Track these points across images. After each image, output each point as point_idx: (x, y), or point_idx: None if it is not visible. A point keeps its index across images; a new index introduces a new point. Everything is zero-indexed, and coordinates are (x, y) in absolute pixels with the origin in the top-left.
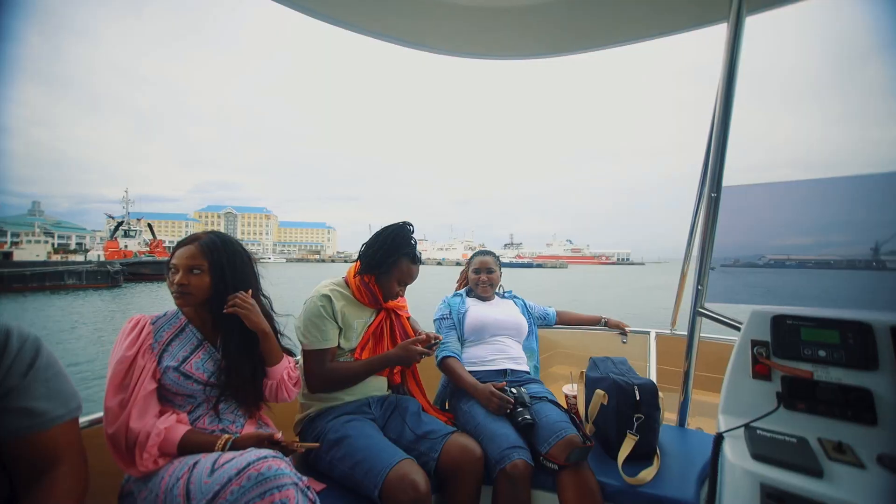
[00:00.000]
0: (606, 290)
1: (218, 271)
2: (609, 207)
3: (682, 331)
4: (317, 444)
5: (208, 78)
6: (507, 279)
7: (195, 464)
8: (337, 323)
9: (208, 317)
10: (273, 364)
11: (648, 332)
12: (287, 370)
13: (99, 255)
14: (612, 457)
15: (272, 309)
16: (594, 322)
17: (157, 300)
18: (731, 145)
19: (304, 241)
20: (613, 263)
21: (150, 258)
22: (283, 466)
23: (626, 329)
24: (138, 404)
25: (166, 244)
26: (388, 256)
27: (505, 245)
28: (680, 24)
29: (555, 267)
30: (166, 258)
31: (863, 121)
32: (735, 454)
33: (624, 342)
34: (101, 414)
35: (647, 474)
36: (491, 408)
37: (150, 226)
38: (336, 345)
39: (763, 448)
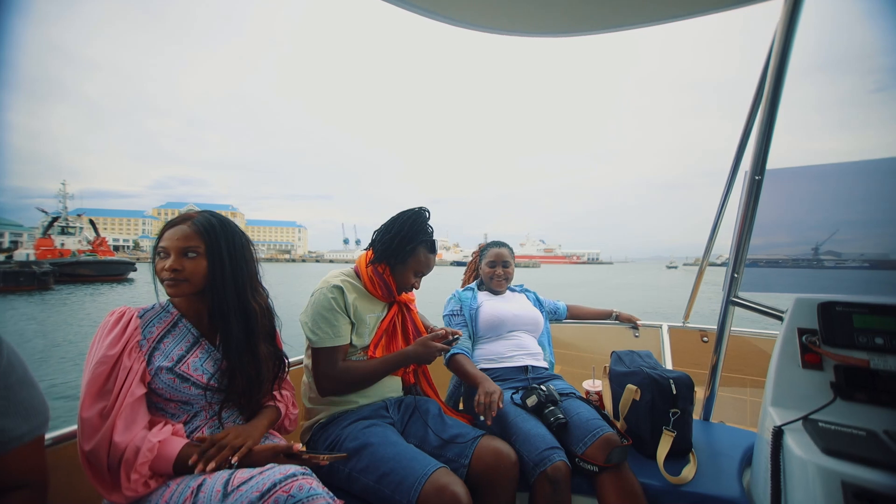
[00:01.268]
0: (579, 290)
1: (216, 255)
2: (580, 208)
3: (695, 324)
4: (344, 455)
5: (169, 65)
6: None
7: (200, 486)
8: (349, 317)
9: (204, 310)
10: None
11: (660, 326)
12: (288, 417)
13: (28, 255)
14: (646, 455)
15: (271, 303)
16: (605, 316)
17: (94, 305)
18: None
19: (273, 240)
20: (584, 263)
21: (90, 258)
22: (314, 485)
23: (638, 322)
24: (124, 413)
25: (121, 243)
26: (406, 244)
27: (479, 245)
28: None
29: (528, 266)
30: (111, 258)
31: (796, 133)
32: (803, 449)
33: (636, 336)
34: (73, 428)
35: (689, 472)
36: (481, 399)
37: (91, 222)
38: (349, 342)
39: (834, 442)
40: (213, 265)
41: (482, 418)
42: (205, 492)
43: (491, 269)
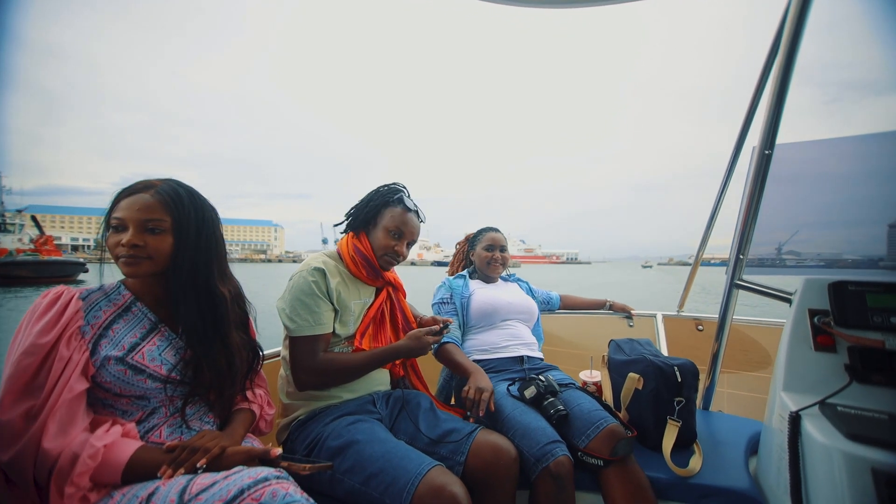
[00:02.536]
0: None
1: (183, 231)
2: (560, 210)
3: (689, 312)
4: (329, 465)
5: (136, 55)
6: None
7: (150, 496)
8: (332, 303)
9: (164, 293)
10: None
11: (655, 315)
12: (264, 418)
13: None
14: (649, 446)
15: (240, 288)
16: (599, 305)
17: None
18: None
19: (247, 239)
20: (563, 262)
21: (30, 257)
22: (291, 490)
23: (632, 312)
24: (59, 414)
25: (80, 242)
26: (376, 208)
27: (457, 243)
28: None
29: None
30: (56, 258)
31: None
32: (825, 435)
33: (630, 326)
34: None
35: (696, 463)
36: (468, 394)
37: (34, 219)
38: (331, 330)
39: (857, 427)
40: (181, 243)
41: (468, 413)
42: (155, 502)
43: (489, 252)
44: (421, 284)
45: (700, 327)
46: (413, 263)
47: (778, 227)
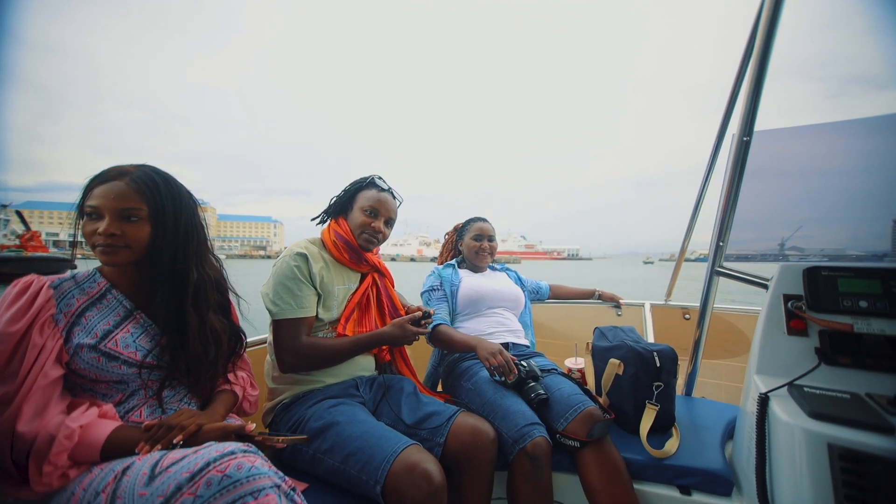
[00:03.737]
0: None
1: (160, 220)
2: (561, 207)
3: (677, 301)
4: (304, 438)
5: (136, 52)
6: None
7: (125, 469)
8: (315, 288)
9: (141, 279)
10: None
11: (643, 304)
12: (247, 399)
13: None
14: (628, 430)
15: (223, 271)
16: (588, 295)
17: None
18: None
19: (247, 235)
20: (564, 259)
21: (13, 254)
22: (258, 463)
23: (621, 301)
24: (34, 399)
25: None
26: (350, 193)
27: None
28: None
29: (509, 262)
30: (41, 254)
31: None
32: (789, 414)
33: (619, 315)
34: None
35: (672, 446)
36: (491, 362)
37: (20, 215)
38: (314, 314)
39: (819, 406)
40: (159, 231)
41: (502, 378)
42: (129, 475)
43: (477, 242)
44: (420, 281)
45: (687, 316)
46: (412, 259)
47: (776, 222)
